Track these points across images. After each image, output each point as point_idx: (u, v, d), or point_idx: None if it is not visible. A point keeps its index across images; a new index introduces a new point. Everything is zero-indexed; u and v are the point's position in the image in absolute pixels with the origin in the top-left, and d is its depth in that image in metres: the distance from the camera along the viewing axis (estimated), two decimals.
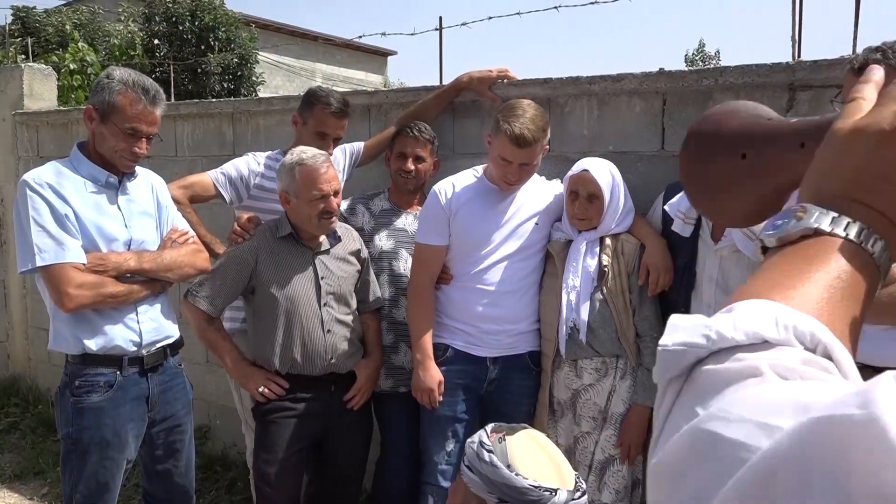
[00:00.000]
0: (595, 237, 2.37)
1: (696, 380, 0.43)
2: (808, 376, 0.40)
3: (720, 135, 0.68)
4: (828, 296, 0.46)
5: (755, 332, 0.43)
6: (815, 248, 0.48)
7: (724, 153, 0.66)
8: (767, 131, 0.64)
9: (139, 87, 2.16)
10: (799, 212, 0.50)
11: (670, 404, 0.44)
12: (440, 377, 2.44)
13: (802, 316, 0.43)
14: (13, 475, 3.84)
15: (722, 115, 0.70)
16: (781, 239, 0.51)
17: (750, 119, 0.67)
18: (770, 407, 0.37)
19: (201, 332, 2.47)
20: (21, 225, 2.11)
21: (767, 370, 0.40)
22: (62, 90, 6.77)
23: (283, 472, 2.47)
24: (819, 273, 0.47)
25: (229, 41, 12.64)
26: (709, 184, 0.68)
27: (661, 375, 0.45)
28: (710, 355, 0.44)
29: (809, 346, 0.43)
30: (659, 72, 2.52)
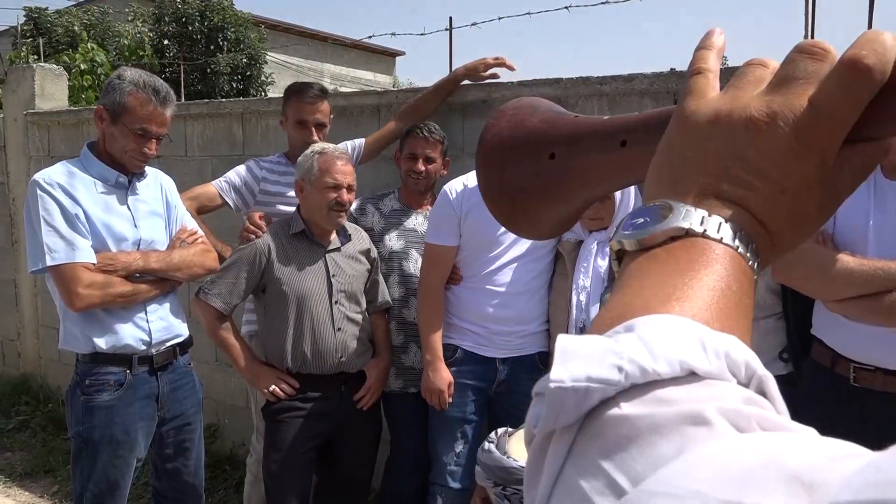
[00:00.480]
0: (606, 237, 2.36)
1: (601, 428, 0.31)
2: (766, 425, 0.30)
3: (521, 133, 0.57)
4: (726, 309, 0.38)
5: (681, 360, 0.32)
6: (692, 253, 0.40)
7: (529, 154, 0.56)
8: (578, 129, 0.55)
9: (150, 87, 2.17)
10: (663, 210, 0.42)
11: (560, 460, 0.32)
12: (450, 378, 2.44)
13: (730, 339, 0.34)
14: (24, 473, 3.86)
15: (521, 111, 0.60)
16: (644, 241, 0.42)
17: (554, 115, 0.57)
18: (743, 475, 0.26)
19: (212, 331, 2.47)
20: (31, 225, 2.12)
21: (715, 416, 0.30)
22: (72, 90, 6.81)
23: (292, 471, 2.47)
24: (710, 282, 0.38)
25: (238, 41, 12.69)
26: (511, 190, 0.58)
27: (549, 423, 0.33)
28: (618, 394, 0.32)
29: (743, 379, 0.33)
30: (670, 72, 2.51)
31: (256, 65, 12.96)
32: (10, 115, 4.89)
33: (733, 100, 0.42)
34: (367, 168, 3.15)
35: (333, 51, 19.28)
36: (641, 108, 2.59)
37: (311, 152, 2.46)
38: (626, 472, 0.29)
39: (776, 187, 0.40)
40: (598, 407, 0.32)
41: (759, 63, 0.44)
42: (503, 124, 0.59)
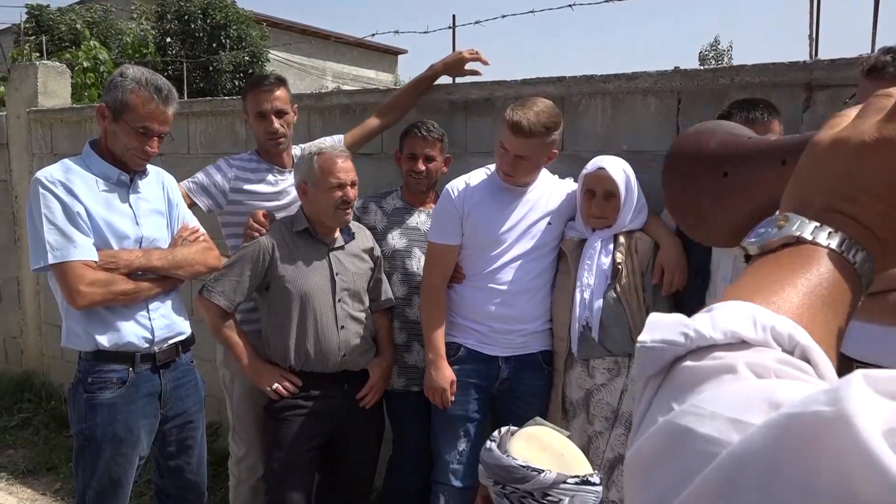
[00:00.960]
0: (609, 235, 2.35)
1: (673, 377, 0.44)
2: (784, 375, 0.41)
3: (701, 154, 0.68)
4: (809, 302, 0.46)
5: (733, 331, 0.43)
6: (796, 256, 0.49)
7: (706, 173, 0.66)
8: (748, 149, 0.64)
9: (152, 85, 2.16)
10: (780, 220, 0.51)
11: (649, 400, 0.45)
12: (452, 377, 2.43)
13: (781, 318, 0.44)
14: (26, 470, 3.86)
15: (702, 134, 0.70)
16: (763, 247, 0.51)
17: (729, 138, 0.67)
18: (742, 403, 0.38)
19: (216, 329, 2.47)
20: (33, 222, 2.12)
21: (743, 368, 0.41)
22: (75, 88, 6.81)
23: (295, 469, 2.47)
24: (800, 280, 0.47)
25: (241, 39, 12.69)
26: (691, 204, 0.68)
27: (640, 372, 0.46)
28: (688, 353, 0.44)
29: (787, 347, 0.43)
30: (674, 70, 2.50)
31: (259, 63, 12.95)
32: (13, 112, 4.89)
33: (854, 127, 0.50)
34: (370, 166, 3.15)
35: (336, 49, 19.27)
36: (645, 106, 2.58)
37: (309, 153, 2.44)
38: (679, 403, 0.41)
39: (886, 203, 0.48)
40: (674, 362, 0.45)
41: (885, 94, 0.51)
42: (686, 146, 0.70)
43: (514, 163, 2.32)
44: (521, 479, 1.36)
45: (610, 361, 2.33)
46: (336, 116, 3.37)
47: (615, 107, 2.65)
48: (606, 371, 2.34)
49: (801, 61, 2.29)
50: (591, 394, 2.36)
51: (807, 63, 2.28)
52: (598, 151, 2.59)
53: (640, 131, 2.60)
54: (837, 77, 2.21)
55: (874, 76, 1.75)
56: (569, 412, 2.43)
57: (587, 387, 2.36)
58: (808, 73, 2.26)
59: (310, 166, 2.42)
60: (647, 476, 0.40)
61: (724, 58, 26.95)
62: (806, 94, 2.29)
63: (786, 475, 0.33)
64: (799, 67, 2.27)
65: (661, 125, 2.56)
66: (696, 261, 2.25)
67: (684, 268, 2.27)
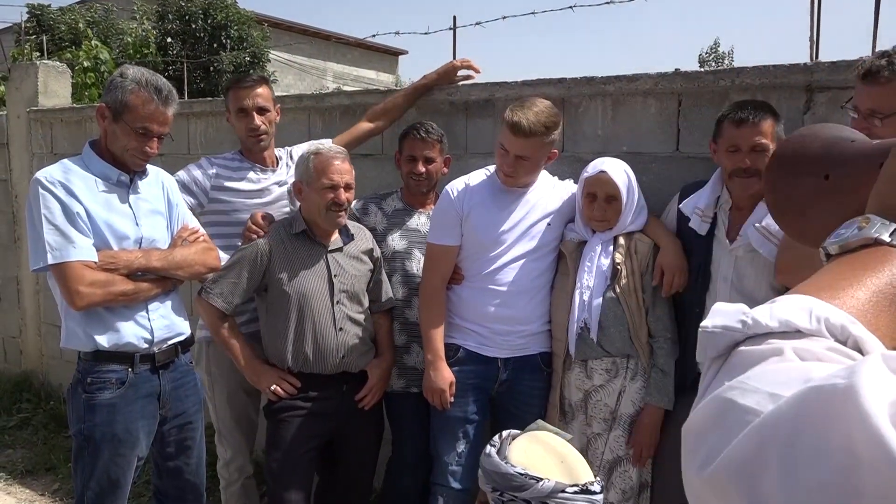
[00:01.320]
0: (610, 237, 2.35)
1: (731, 359, 0.48)
2: (828, 360, 0.44)
3: (804, 156, 0.70)
4: (875, 300, 0.49)
5: (788, 320, 0.47)
6: (872, 257, 0.51)
7: (809, 174, 0.68)
8: (850, 152, 0.66)
9: (152, 86, 2.16)
10: (862, 222, 0.53)
11: (711, 379, 0.49)
12: (451, 378, 2.43)
13: (837, 311, 0.47)
14: (25, 471, 3.86)
15: (805, 138, 0.72)
16: (843, 246, 0.53)
17: (832, 140, 0.69)
18: (781, 380, 0.42)
19: (214, 330, 2.47)
20: (33, 223, 2.11)
21: (789, 352, 0.45)
22: (76, 88, 6.80)
23: (294, 470, 2.46)
24: (870, 278, 0.49)
25: (241, 39, 12.70)
26: (794, 204, 0.71)
27: (703, 354, 0.51)
28: (746, 339, 0.48)
29: (840, 337, 0.46)
30: (675, 72, 2.50)
31: (259, 63, 12.96)
32: (14, 112, 4.89)
33: None
34: (371, 167, 3.15)
35: (336, 49, 19.28)
36: (646, 108, 2.58)
37: (308, 153, 2.45)
38: (730, 379, 0.45)
39: None
40: (733, 347, 0.49)
41: None
42: (789, 150, 0.73)
43: (515, 163, 2.32)
44: (520, 487, 1.34)
45: (608, 362, 2.33)
46: (336, 117, 3.37)
47: (615, 108, 2.65)
48: (605, 372, 2.33)
49: (802, 63, 2.28)
50: (589, 395, 2.36)
51: (807, 65, 2.28)
52: (599, 153, 2.59)
53: (641, 133, 2.59)
54: (838, 79, 2.21)
55: (869, 80, 1.76)
56: (567, 414, 2.42)
57: (585, 388, 2.36)
58: (808, 75, 2.26)
59: (306, 166, 2.43)
60: (697, 441, 0.45)
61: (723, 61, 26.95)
62: (806, 96, 2.29)
63: (804, 440, 0.37)
64: (799, 69, 2.27)
65: (661, 127, 2.56)
66: (697, 262, 2.25)
67: (684, 269, 2.27)
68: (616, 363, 2.33)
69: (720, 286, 2.20)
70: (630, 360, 2.32)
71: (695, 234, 2.24)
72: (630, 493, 2.33)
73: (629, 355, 2.32)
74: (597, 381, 2.34)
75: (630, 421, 2.31)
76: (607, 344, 2.31)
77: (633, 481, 2.32)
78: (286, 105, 3.56)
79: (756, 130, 2.07)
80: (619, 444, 2.32)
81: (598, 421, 2.34)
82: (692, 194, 2.26)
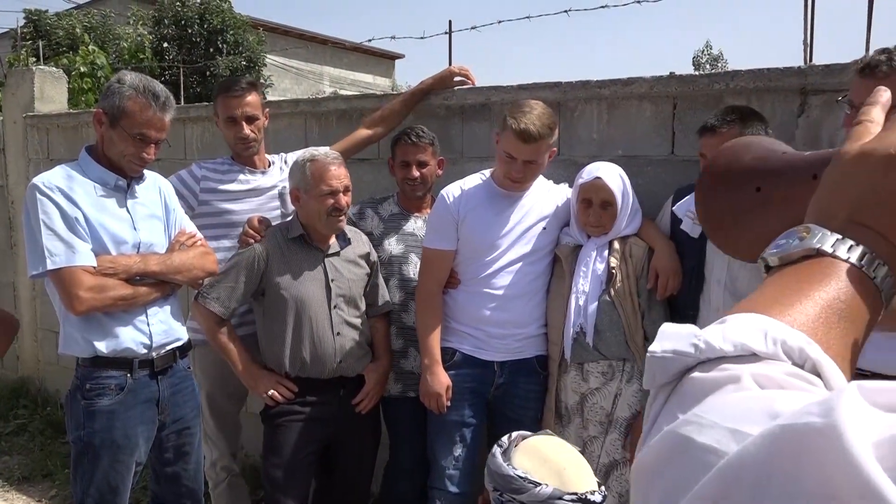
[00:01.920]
0: (605, 241, 2.36)
1: (682, 387, 0.44)
2: (790, 387, 0.41)
3: (735, 169, 0.69)
4: (825, 316, 0.46)
5: (743, 343, 0.43)
6: (815, 269, 0.48)
7: (740, 187, 0.67)
8: (781, 164, 0.65)
9: (149, 92, 2.16)
10: (802, 232, 0.50)
11: (658, 409, 0.45)
12: (448, 382, 2.43)
13: (793, 331, 0.44)
14: (21, 477, 3.85)
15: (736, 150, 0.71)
16: (783, 258, 0.51)
17: (764, 153, 0.68)
18: (742, 414, 0.38)
19: (211, 334, 2.47)
20: (31, 229, 2.11)
21: (747, 378, 0.41)
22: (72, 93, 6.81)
23: (291, 475, 2.46)
24: (818, 293, 0.47)
25: (237, 44, 12.71)
26: (725, 218, 0.69)
27: (651, 381, 0.47)
28: (697, 364, 0.44)
29: (797, 361, 0.43)
30: (669, 76, 2.51)
31: (256, 67, 12.97)
32: (10, 117, 4.89)
33: (880, 140, 0.50)
34: (367, 172, 3.15)
35: (333, 54, 19.31)
36: (641, 112, 2.59)
37: (303, 160, 2.44)
38: (682, 411, 0.42)
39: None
40: (685, 372, 0.45)
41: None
42: (720, 161, 0.72)
43: (525, 168, 2.34)
44: (518, 490, 1.37)
45: (604, 365, 2.34)
46: (333, 122, 3.38)
47: (611, 112, 2.66)
48: (601, 375, 2.34)
49: (796, 67, 2.30)
50: (585, 398, 2.37)
51: (801, 68, 2.29)
52: (594, 156, 2.60)
53: (636, 136, 2.60)
54: (832, 82, 2.22)
55: (867, 74, 1.78)
56: (564, 417, 2.43)
57: (582, 391, 2.37)
58: (802, 78, 2.27)
59: (302, 173, 2.43)
60: (650, 482, 0.41)
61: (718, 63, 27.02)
62: (801, 99, 2.30)
63: (775, 485, 0.34)
64: (793, 73, 2.28)
65: (656, 130, 2.57)
66: (691, 264, 2.26)
67: (678, 272, 2.28)
68: (612, 366, 2.33)
69: (714, 288, 2.21)
70: (626, 363, 2.33)
71: (688, 236, 2.25)
72: (627, 497, 2.33)
73: (625, 359, 2.33)
74: (593, 384, 2.35)
75: (626, 424, 2.32)
76: (603, 348, 2.32)
77: (630, 485, 2.32)
78: (282, 110, 3.57)
79: (720, 140, 2.10)
80: (615, 448, 2.33)
81: (595, 424, 2.35)
82: (685, 197, 2.27)
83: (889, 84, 1.72)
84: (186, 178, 2.70)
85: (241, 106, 2.66)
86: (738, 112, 2.13)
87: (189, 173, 2.72)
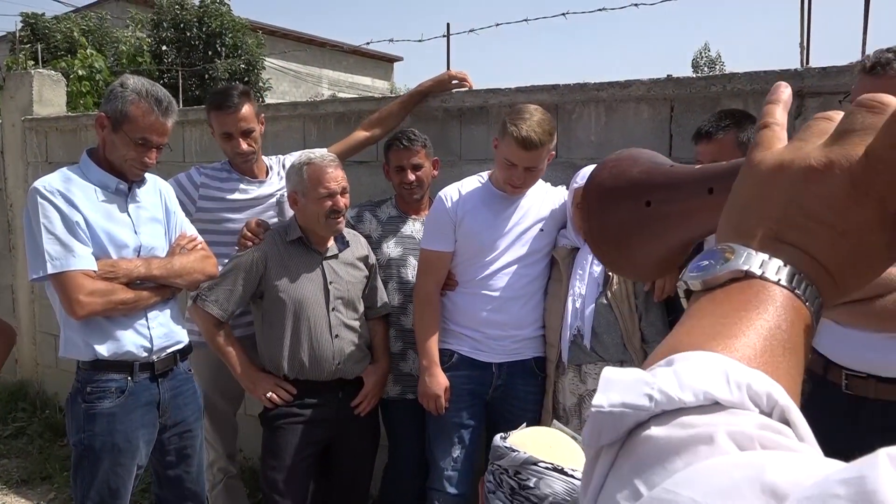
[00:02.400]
0: None
1: (635, 447, 0.37)
2: (768, 444, 0.35)
3: (622, 182, 0.64)
4: (770, 347, 0.41)
5: (705, 391, 0.37)
6: (748, 294, 0.43)
7: (627, 201, 0.62)
8: (672, 177, 0.60)
9: (152, 97, 2.17)
10: (726, 252, 0.45)
11: (603, 474, 0.38)
12: (446, 383, 2.44)
13: (755, 373, 0.38)
14: (20, 480, 3.85)
15: (621, 162, 0.66)
16: (707, 282, 0.46)
17: (651, 166, 0.63)
18: (728, 487, 0.31)
19: (210, 337, 2.47)
20: (32, 232, 2.11)
21: (722, 438, 0.35)
22: (70, 96, 6.81)
23: (290, 478, 2.47)
24: (758, 321, 0.42)
25: (236, 47, 12.72)
26: (612, 235, 0.64)
27: (595, 440, 0.39)
28: (651, 418, 0.37)
29: (765, 408, 0.37)
30: (667, 78, 2.52)
31: (254, 70, 12.98)
32: (9, 121, 4.90)
33: (796, 150, 0.46)
34: (365, 174, 3.16)
35: (331, 56, 19.31)
36: (638, 114, 2.60)
37: (299, 163, 2.45)
38: (646, 482, 0.34)
39: (835, 231, 0.43)
40: (635, 429, 0.37)
41: (824, 117, 0.48)
42: (605, 175, 0.66)
43: (525, 175, 2.35)
44: (500, 457, 1.47)
45: (602, 367, 2.34)
46: (331, 125, 3.38)
47: (609, 114, 2.67)
48: (598, 377, 2.33)
49: (793, 69, 2.31)
50: (583, 399, 2.37)
51: (798, 71, 2.30)
52: (592, 158, 2.61)
53: (634, 139, 2.61)
54: (829, 84, 2.23)
55: (877, 72, 1.73)
56: (562, 418, 2.43)
57: (580, 392, 2.38)
58: (799, 80, 2.28)
59: (300, 176, 2.43)
60: None
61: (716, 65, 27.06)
62: (797, 101, 2.31)
63: None
64: (790, 75, 2.29)
65: (654, 133, 2.58)
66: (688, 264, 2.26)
67: (676, 274, 2.28)
68: None
69: None
70: (624, 365, 2.34)
71: None
72: None
73: (623, 361, 2.33)
74: (591, 386, 2.35)
75: None
76: (601, 350, 2.33)
77: None
78: (281, 113, 3.58)
79: (712, 145, 2.10)
80: None
81: None
82: None
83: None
84: (185, 184, 2.70)
85: (236, 122, 2.63)
86: (732, 117, 2.13)
87: (188, 178, 2.72)
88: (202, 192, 2.70)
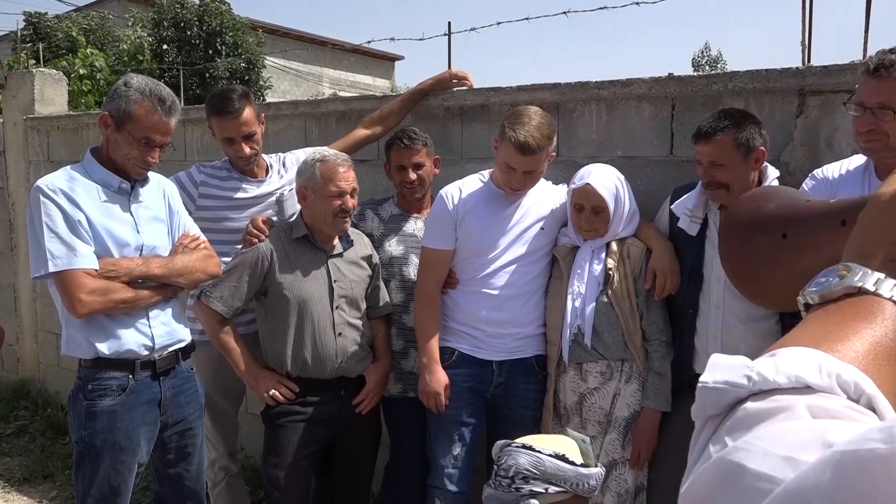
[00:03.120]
0: (601, 244, 2.37)
1: (734, 416, 0.44)
2: (843, 417, 0.41)
3: (759, 217, 0.70)
4: (874, 353, 0.46)
5: (797, 375, 0.43)
6: (860, 307, 0.49)
7: (765, 234, 0.68)
8: (807, 211, 0.67)
9: (155, 96, 2.17)
10: (842, 270, 0.51)
11: (707, 440, 0.45)
12: (446, 381, 2.44)
13: (847, 366, 0.44)
14: (22, 478, 3.86)
15: (758, 199, 0.73)
16: (824, 296, 0.51)
17: (788, 201, 0.70)
18: (796, 442, 0.38)
19: (213, 334, 2.48)
20: (34, 231, 2.11)
21: (800, 408, 0.41)
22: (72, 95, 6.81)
23: (292, 475, 2.47)
24: (865, 330, 0.47)
25: (237, 46, 12.72)
26: (750, 264, 0.70)
27: (700, 412, 0.46)
28: (749, 396, 0.44)
29: (853, 395, 0.43)
30: (668, 77, 2.52)
31: (255, 69, 12.99)
32: (10, 119, 4.90)
33: None
34: (367, 173, 3.16)
35: (332, 55, 19.32)
36: (639, 112, 2.60)
37: (313, 159, 2.46)
38: (732, 438, 0.42)
39: None
40: (735, 404, 0.45)
41: None
42: (743, 210, 0.73)
43: (525, 178, 2.35)
44: (507, 454, 1.66)
45: (602, 365, 2.34)
46: (332, 123, 3.39)
47: (610, 113, 2.67)
48: (599, 375, 2.35)
49: (794, 67, 2.31)
50: (584, 398, 2.37)
51: (800, 69, 2.30)
52: (593, 157, 2.61)
53: (635, 137, 2.61)
54: (830, 83, 2.23)
55: (880, 74, 1.74)
56: (563, 416, 2.44)
57: (580, 391, 2.38)
58: (800, 79, 2.28)
59: (312, 173, 2.44)
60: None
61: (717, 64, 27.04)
62: (799, 99, 2.31)
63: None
64: (792, 74, 2.29)
65: (655, 131, 2.58)
66: (689, 262, 2.27)
67: (676, 272, 2.28)
68: (611, 366, 2.34)
69: (714, 286, 2.22)
70: (625, 363, 2.34)
71: (686, 234, 2.26)
72: (625, 497, 2.34)
73: (623, 359, 2.34)
74: (591, 384, 2.36)
75: (625, 424, 2.32)
76: (602, 348, 2.33)
77: (629, 484, 2.33)
78: (282, 111, 3.58)
79: (710, 146, 2.10)
80: (614, 448, 2.33)
81: (593, 424, 2.36)
82: (683, 195, 2.28)
83: None
84: (185, 182, 2.70)
85: (238, 127, 2.62)
86: (731, 117, 2.12)
87: (188, 177, 2.72)
88: (202, 191, 2.70)
